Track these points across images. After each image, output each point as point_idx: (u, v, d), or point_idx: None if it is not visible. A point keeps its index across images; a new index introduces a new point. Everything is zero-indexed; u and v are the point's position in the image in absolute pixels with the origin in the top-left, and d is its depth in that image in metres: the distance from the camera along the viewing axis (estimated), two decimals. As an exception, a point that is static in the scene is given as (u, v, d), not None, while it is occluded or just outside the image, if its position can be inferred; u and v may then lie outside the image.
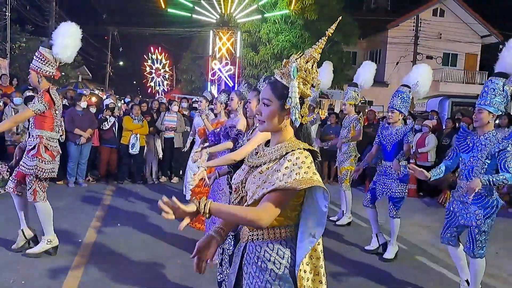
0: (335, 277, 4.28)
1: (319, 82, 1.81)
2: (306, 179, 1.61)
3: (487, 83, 3.50)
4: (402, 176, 4.77)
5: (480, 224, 3.47)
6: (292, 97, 1.70)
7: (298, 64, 1.73)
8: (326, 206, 1.66)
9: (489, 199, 3.46)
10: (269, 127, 1.80)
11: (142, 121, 8.26)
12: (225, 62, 14.34)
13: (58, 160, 4.38)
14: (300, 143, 1.74)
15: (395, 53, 23.43)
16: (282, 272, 1.70)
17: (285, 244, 1.73)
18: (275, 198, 1.63)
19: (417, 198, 8.38)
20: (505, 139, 3.38)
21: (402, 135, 4.78)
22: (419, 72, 5.06)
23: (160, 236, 5.19)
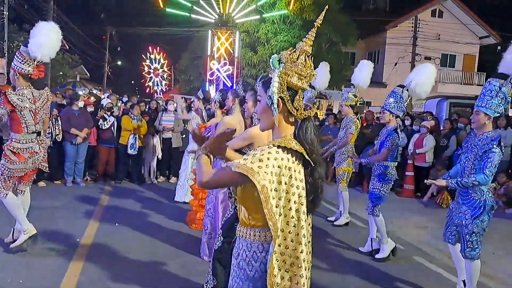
0: (332, 277, 4.29)
1: (313, 74, 1.77)
2: (245, 166, 1.60)
3: (485, 84, 3.51)
4: (379, 174, 4.81)
5: (468, 224, 3.50)
6: (271, 86, 1.70)
7: (281, 55, 1.73)
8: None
9: (477, 200, 3.48)
10: (264, 123, 1.80)
11: (141, 121, 8.25)
12: (224, 62, 14.32)
13: (35, 160, 4.37)
14: (290, 142, 1.69)
15: (394, 54, 23.46)
16: (252, 275, 1.72)
17: (262, 248, 1.73)
18: (223, 170, 1.71)
19: (414, 199, 8.40)
20: (493, 140, 3.41)
21: (386, 137, 4.79)
22: (417, 72, 5.00)
23: (158, 236, 5.19)
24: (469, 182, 3.38)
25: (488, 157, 3.37)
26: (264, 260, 1.72)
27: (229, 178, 1.68)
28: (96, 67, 30.89)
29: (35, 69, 4.25)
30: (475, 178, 3.37)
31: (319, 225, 6.22)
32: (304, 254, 1.70)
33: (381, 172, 4.80)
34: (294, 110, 1.73)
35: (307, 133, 1.74)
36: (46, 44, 4.19)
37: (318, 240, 5.52)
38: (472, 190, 3.50)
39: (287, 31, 17.16)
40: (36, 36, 4.18)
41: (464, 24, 25.01)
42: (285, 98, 1.72)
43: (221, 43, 14.46)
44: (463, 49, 24.93)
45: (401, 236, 5.72)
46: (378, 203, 4.86)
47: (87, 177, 8.34)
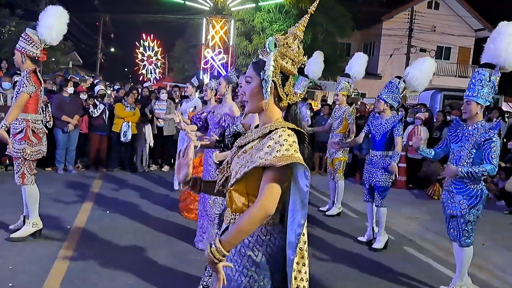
0: (323, 266, 4.31)
1: (303, 59, 1.76)
2: (286, 156, 1.58)
3: (474, 74, 3.52)
4: (386, 165, 4.80)
5: (465, 214, 3.52)
6: (266, 69, 1.66)
7: (275, 39, 1.70)
8: (307, 185, 1.62)
9: (474, 189, 3.50)
10: (252, 106, 1.77)
11: (134, 108, 8.19)
12: (218, 51, 14.22)
13: (46, 141, 4.40)
14: (287, 123, 1.70)
15: (389, 46, 23.43)
16: (260, 259, 1.69)
17: (266, 232, 1.71)
18: (270, 178, 1.60)
19: (406, 190, 8.45)
20: (492, 129, 3.43)
21: (391, 126, 4.80)
22: (416, 64, 4.99)
23: (149, 224, 5.18)
24: (479, 172, 3.37)
25: (491, 147, 3.37)
26: (269, 243, 1.71)
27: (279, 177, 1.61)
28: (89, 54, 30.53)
29: (42, 52, 4.25)
30: (485, 168, 3.36)
31: (311, 214, 6.24)
32: (305, 237, 1.72)
33: (388, 163, 4.80)
34: (284, 95, 1.72)
35: (296, 117, 1.75)
36: (56, 28, 4.19)
37: (310, 229, 5.55)
38: (468, 180, 3.50)
39: (283, 20, 17.05)
40: (46, 19, 4.17)
41: (460, 16, 24.98)
42: (277, 82, 1.71)
43: (215, 31, 14.35)
44: (459, 41, 24.94)
45: (392, 227, 5.75)
46: (386, 194, 4.90)
47: (79, 165, 8.29)
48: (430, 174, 8.32)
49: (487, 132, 3.42)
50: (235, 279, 1.72)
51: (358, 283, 4.01)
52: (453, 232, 3.70)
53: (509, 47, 3.35)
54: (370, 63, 6.56)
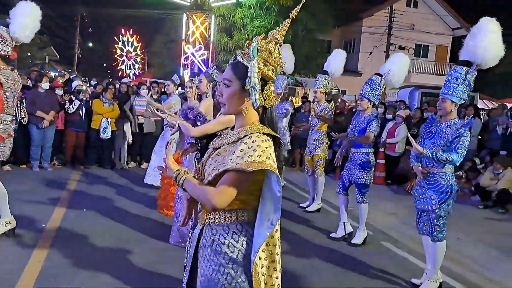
0: (302, 261, 4.33)
1: (282, 64, 1.77)
2: (257, 162, 1.58)
3: (451, 72, 3.58)
4: (362, 163, 4.85)
5: (436, 209, 3.59)
6: (251, 77, 1.66)
7: (258, 44, 1.70)
8: (280, 191, 1.64)
9: (444, 184, 3.57)
10: (230, 109, 1.77)
11: (113, 104, 8.06)
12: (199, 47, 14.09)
13: (10, 142, 4.26)
14: (262, 128, 1.71)
15: (369, 43, 23.64)
16: (236, 255, 1.70)
17: (241, 228, 1.72)
18: (229, 180, 1.63)
19: (385, 186, 8.56)
20: (463, 126, 3.51)
21: (367, 123, 4.84)
22: (394, 61, 5.08)
23: (127, 222, 5.10)
24: (443, 157, 3.45)
25: (460, 141, 3.45)
26: (245, 238, 1.72)
27: (242, 182, 1.63)
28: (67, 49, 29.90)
29: (13, 50, 4.14)
30: (450, 154, 3.44)
31: (291, 210, 6.27)
32: (278, 233, 1.74)
33: (365, 160, 4.85)
34: (262, 99, 1.72)
35: (272, 119, 1.77)
36: (28, 25, 4.10)
37: (290, 225, 5.57)
38: (439, 176, 3.58)
39: (264, 17, 16.99)
40: (19, 16, 4.06)
41: (438, 15, 25.39)
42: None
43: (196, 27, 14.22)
44: (436, 39, 25.35)
45: (371, 222, 5.80)
46: (367, 191, 4.94)
47: (55, 162, 8.10)
48: (408, 170, 8.44)
49: (459, 129, 3.50)
50: (212, 279, 1.72)
51: (336, 278, 4.04)
52: (423, 226, 3.79)
53: (488, 44, 3.40)
54: (350, 60, 6.62)
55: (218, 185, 1.65)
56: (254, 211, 1.73)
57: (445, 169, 3.56)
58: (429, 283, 3.76)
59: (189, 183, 1.73)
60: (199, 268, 1.80)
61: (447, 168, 3.56)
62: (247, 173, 1.59)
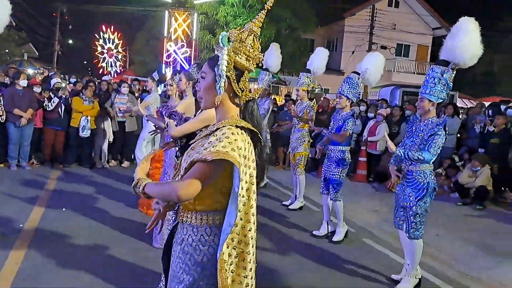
0: (284, 259, 4.34)
1: (260, 56, 1.75)
2: (220, 152, 1.55)
3: (429, 72, 3.65)
4: (337, 160, 4.90)
5: (412, 206, 3.64)
6: (219, 64, 1.65)
7: (229, 34, 1.69)
8: (238, 186, 1.60)
9: (421, 182, 3.62)
10: (207, 102, 1.76)
11: (93, 102, 7.93)
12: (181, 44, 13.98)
13: None
14: (238, 121, 1.68)
15: (352, 42, 23.84)
16: (201, 259, 1.68)
17: (210, 232, 1.69)
18: (194, 171, 1.59)
19: (366, 184, 8.64)
20: (438, 125, 3.56)
21: (343, 121, 4.88)
22: (370, 60, 5.15)
23: (107, 222, 5.03)
24: (415, 156, 3.51)
25: (433, 139, 3.51)
26: (212, 244, 1.69)
27: (207, 172, 1.59)
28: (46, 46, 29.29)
29: None
30: (421, 153, 3.50)
31: (274, 209, 6.28)
32: (252, 232, 1.70)
33: (340, 157, 4.89)
34: (239, 90, 1.71)
35: (253, 114, 1.75)
36: None
37: (273, 223, 5.57)
38: (416, 173, 3.63)
39: (247, 15, 16.99)
40: None
41: (419, 14, 25.78)
42: (231, 77, 1.69)
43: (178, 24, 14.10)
44: (417, 39, 25.73)
45: (353, 220, 5.87)
46: (340, 188, 4.97)
47: (33, 161, 7.93)
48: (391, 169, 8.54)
49: (434, 128, 3.56)
50: (178, 276, 1.72)
51: (318, 275, 4.06)
52: (398, 221, 3.86)
53: (467, 44, 3.45)
54: (333, 59, 6.67)
55: (185, 176, 1.62)
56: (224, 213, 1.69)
57: (422, 167, 3.61)
58: (408, 278, 3.81)
59: (150, 186, 1.70)
60: (171, 262, 1.80)
61: (424, 166, 3.61)
62: (209, 163, 1.56)
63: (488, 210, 6.99)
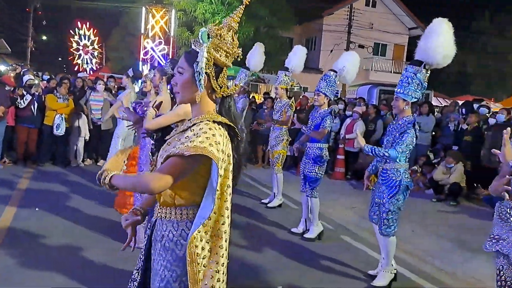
0: (263, 257, 4.34)
1: (238, 52, 1.74)
2: (197, 147, 1.54)
3: (403, 71, 3.73)
4: (315, 157, 4.92)
5: (385, 203, 3.71)
6: (199, 61, 1.64)
7: (209, 30, 1.67)
8: (216, 181, 1.59)
9: (393, 180, 3.69)
10: (184, 97, 1.74)
11: (68, 100, 7.76)
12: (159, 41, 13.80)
13: None
14: (215, 116, 1.67)
15: (330, 41, 24.01)
16: (183, 254, 1.66)
17: (191, 226, 1.67)
18: (168, 165, 1.58)
19: (344, 181, 8.73)
20: (409, 123, 3.63)
21: (321, 119, 4.91)
22: (347, 58, 5.19)
23: (82, 221, 4.93)
24: (381, 153, 3.60)
25: (402, 137, 3.58)
26: None
27: (181, 167, 1.57)
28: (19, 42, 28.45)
29: None
30: (387, 151, 3.59)
31: (253, 207, 6.28)
32: (225, 226, 1.69)
33: (317, 155, 4.91)
34: (218, 87, 1.71)
35: (230, 109, 1.75)
36: None
37: (252, 221, 5.57)
38: (390, 171, 3.70)
39: (225, 12, 16.91)
40: None
41: (395, 14, 26.18)
42: (210, 74, 1.69)
43: (156, 21, 13.92)
44: (394, 38, 26.14)
45: (331, 217, 5.92)
46: (316, 185, 4.99)
47: (5, 159, 7.70)
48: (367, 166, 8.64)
49: (404, 126, 3.64)
50: (159, 274, 1.69)
51: (296, 272, 4.08)
52: (373, 215, 3.93)
53: (439, 46, 3.50)
54: (311, 58, 6.70)
55: (158, 168, 1.60)
56: None
57: (396, 165, 3.68)
58: (384, 273, 3.87)
59: (117, 178, 1.66)
60: (152, 260, 1.77)
61: (398, 164, 3.67)
62: (186, 158, 1.54)
63: (461, 206, 7.16)
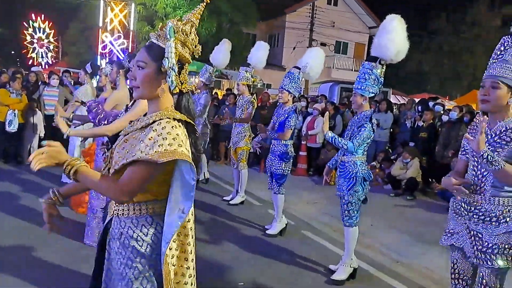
0: (227, 253, 4.33)
1: (198, 48, 1.73)
2: (169, 152, 1.52)
3: (360, 68, 3.82)
4: (281, 154, 4.95)
5: (344, 195, 3.80)
6: (169, 58, 1.60)
7: (175, 26, 1.64)
8: (194, 179, 1.58)
9: (351, 172, 3.78)
10: (144, 92, 1.68)
11: (21, 95, 7.41)
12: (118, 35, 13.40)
13: None
14: (174, 113, 1.64)
15: (293, 38, 24.25)
16: (144, 250, 1.63)
17: (151, 221, 1.65)
18: (138, 171, 1.54)
19: (306, 177, 8.84)
20: (366, 117, 3.73)
21: (286, 117, 4.93)
22: (311, 55, 5.22)
23: (36, 221, 4.69)
24: (340, 143, 3.69)
25: (360, 131, 3.69)
26: (154, 231, 1.65)
27: (150, 174, 1.54)
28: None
29: None
30: (346, 142, 3.68)
31: (215, 204, 6.23)
32: (191, 223, 1.69)
33: (283, 151, 4.93)
34: (179, 83, 1.68)
35: (188, 105, 1.72)
36: None
37: (214, 219, 5.53)
38: (347, 164, 3.79)
39: (187, 7, 16.68)
40: None
41: (356, 13, 26.77)
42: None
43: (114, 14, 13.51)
44: (355, 37, 26.72)
45: (293, 212, 5.97)
46: (283, 182, 5.01)
47: (-48, 158, 7.28)
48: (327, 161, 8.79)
49: (361, 120, 3.74)
50: (119, 272, 1.65)
51: (259, 268, 4.08)
52: (340, 213, 3.97)
53: (391, 41, 3.59)
54: (275, 55, 6.71)
55: (125, 176, 1.55)
56: (166, 201, 1.65)
57: (353, 158, 3.77)
58: (343, 267, 3.93)
59: (85, 178, 1.57)
60: (106, 259, 1.73)
61: (355, 157, 3.76)
62: (158, 164, 1.52)
63: (417, 201, 7.41)
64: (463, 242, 2.40)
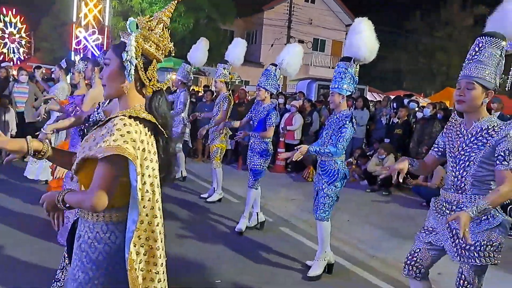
0: (205, 251, 4.31)
1: (170, 46, 1.71)
2: (111, 147, 1.47)
3: (336, 68, 3.87)
4: (261, 151, 4.97)
5: (324, 188, 3.84)
6: (128, 51, 1.57)
7: (137, 21, 1.62)
8: (136, 180, 1.53)
9: (333, 169, 3.82)
10: (110, 90, 1.66)
11: (-9, 92, 7.17)
12: (92, 31, 13.11)
13: None
14: (139, 112, 1.59)
15: (271, 35, 24.27)
16: (96, 257, 1.60)
17: (106, 230, 1.61)
18: (99, 177, 1.50)
19: (284, 174, 8.88)
20: (346, 117, 3.78)
21: (266, 114, 4.94)
22: (288, 51, 5.22)
23: (9, 221, 4.59)
24: (324, 152, 3.71)
25: (342, 132, 3.72)
26: (108, 242, 1.61)
27: (111, 174, 1.50)
28: None
29: None
30: (329, 149, 3.72)
31: (192, 201, 6.20)
32: (160, 227, 1.66)
33: (263, 148, 4.94)
34: (146, 79, 1.64)
35: (160, 105, 1.68)
36: None
37: (192, 216, 5.50)
38: (329, 163, 3.82)
39: (163, 2, 16.45)
40: None
41: (333, 11, 27.00)
42: (138, 65, 1.61)
43: (89, 9, 13.19)
44: (332, 35, 26.94)
45: (271, 209, 5.99)
46: (259, 177, 5.03)
47: None
48: (305, 158, 8.86)
49: (342, 120, 3.78)
50: (74, 273, 1.63)
51: (237, 265, 4.07)
52: (314, 207, 4.01)
53: (360, 42, 3.69)
54: (252, 51, 6.69)
55: (93, 179, 1.52)
56: (125, 210, 1.60)
57: (334, 157, 3.80)
58: (318, 262, 3.97)
59: (69, 197, 1.60)
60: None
61: (335, 156, 3.79)
62: (108, 163, 1.48)
63: (393, 196, 7.55)
64: (444, 242, 2.44)
